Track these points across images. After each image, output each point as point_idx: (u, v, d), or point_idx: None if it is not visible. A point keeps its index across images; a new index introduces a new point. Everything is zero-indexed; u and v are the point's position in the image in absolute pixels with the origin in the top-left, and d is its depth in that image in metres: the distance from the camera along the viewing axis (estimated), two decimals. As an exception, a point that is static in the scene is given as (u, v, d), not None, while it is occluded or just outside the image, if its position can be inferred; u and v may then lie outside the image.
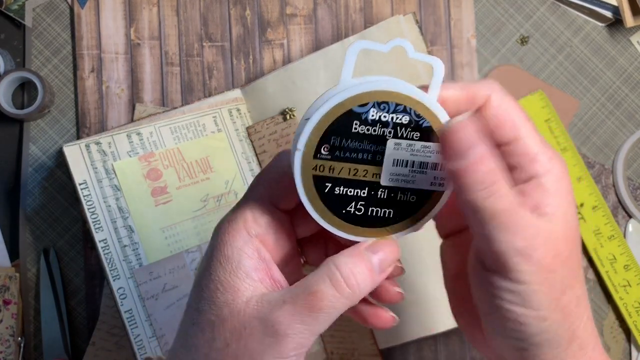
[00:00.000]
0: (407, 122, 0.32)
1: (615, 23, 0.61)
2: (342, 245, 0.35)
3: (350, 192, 0.33)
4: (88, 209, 0.53)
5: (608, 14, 0.60)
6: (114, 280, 0.52)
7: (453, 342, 0.59)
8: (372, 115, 0.31)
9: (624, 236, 0.60)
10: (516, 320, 0.32)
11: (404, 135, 0.32)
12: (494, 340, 0.35)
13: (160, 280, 0.54)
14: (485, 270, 0.33)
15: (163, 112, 0.58)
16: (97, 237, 0.53)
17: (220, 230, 0.34)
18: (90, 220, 0.53)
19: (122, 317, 0.52)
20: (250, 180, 0.57)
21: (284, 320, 0.31)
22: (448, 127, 0.31)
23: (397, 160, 0.33)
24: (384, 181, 0.33)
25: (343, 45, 0.55)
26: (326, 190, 0.33)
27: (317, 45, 0.60)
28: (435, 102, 0.32)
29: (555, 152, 0.33)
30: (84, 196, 0.53)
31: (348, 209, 0.33)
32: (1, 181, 0.59)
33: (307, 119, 0.31)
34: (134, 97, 0.59)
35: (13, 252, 0.59)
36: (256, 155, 0.57)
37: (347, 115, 0.31)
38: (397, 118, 0.32)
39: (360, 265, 0.32)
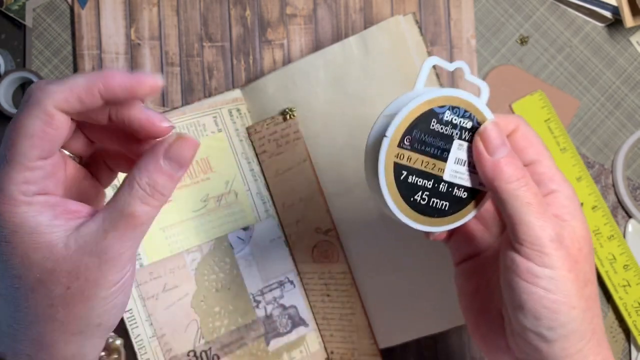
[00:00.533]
0: (470, 127, 0.37)
1: (615, 23, 0.61)
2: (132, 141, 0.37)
3: (420, 182, 0.37)
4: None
5: (608, 14, 0.60)
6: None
7: (453, 341, 0.59)
8: (447, 117, 0.37)
9: (624, 236, 0.60)
10: (549, 307, 0.36)
11: (466, 138, 0.37)
12: (520, 339, 0.38)
13: (161, 280, 0.54)
14: (523, 259, 0.36)
15: (163, 112, 0.58)
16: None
17: None
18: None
19: (123, 316, 0.52)
20: (250, 180, 0.57)
21: (114, 246, 0.33)
22: (485, 126, 0.37)
23: (458, 159, 0.38)
24: (446, 176, 0.38)
25: (343, 46, 0.55)
26: (401, 177, 0.37)
27: (317, 46, 0.60)
28: (489, 111, 0.38)
29: (566, 178, 0.40)
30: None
31: (415, 197, 0.37)
32: (1, 181, 0.59)
33: (391, 115, 0.36)
34: (134, 97, 0.59)
35: (13, 252, 0.59)
36: (256, 155, 0.57)
37: (428, 113, 0.36)
38: (463, 122, 0.37)
39: (162, 178, 0.34)
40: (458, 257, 0.45)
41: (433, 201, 0.38)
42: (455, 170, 0.38)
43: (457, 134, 0.37)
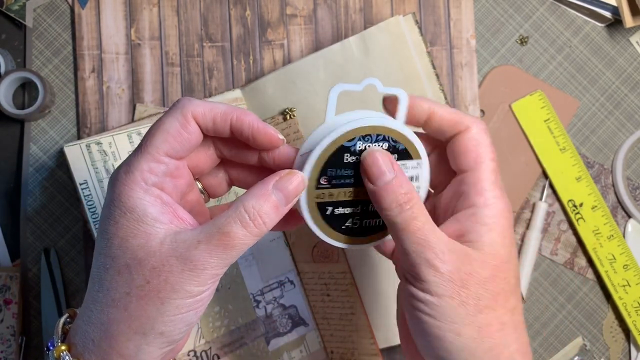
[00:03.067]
0: (386, 147, 0.38)
1: (615, 23, 0.61)
2: (253, 170, 0.40)
3: (348, 210, 0.39)
4: (89, 208, 0.53)
5: (607, 14, 0.60)
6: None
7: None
8: (359, 147, 0.37)
9: (624, 236, 0.60)
10: (433, 333, 0.35)
11: None
12: None
13: (161, 280, 0.54)
14: (406, 283, 0.37)
15: (164, 112, 0.58)
16: (98, 237, 0.53)
17: (118, 182, 0.35)
18: (91, 220, 0.53)
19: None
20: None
21: (201, 258, 0.33)
22: (365, 154, 0.37)
23: None
24: None
25: (343, 46, 0.55)
26: (327, 213, 0.38)
27: (317, 46, 0.60)
28: (404, 126, 0.38)
29: (504, 194, 0.38)
30: (84, 196, 0.53)
31: (347, 224, 0.39)
32: (2, 181, 0.59)
33: (306, 156, 0.37)
34: (135, 98, 0.59)
35: (14, 252, 0.59)
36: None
37: (338, 150, 0.37)
38: (379, 145, 0.38)
39: (267, 205, 0.35)
40: (399, 272, 0.42)
41: (365, 222, 0.40)
42: None
43: None
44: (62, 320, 0.38)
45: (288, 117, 0.56)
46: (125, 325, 0.34)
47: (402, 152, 0.38)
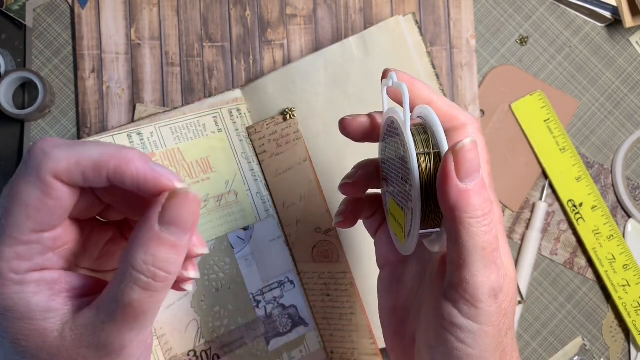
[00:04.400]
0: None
1: (615, 23, 0.61)
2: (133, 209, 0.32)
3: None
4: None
5: (607, 14, 0.60)
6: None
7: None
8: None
9: (623, 236, 0.60)
10: (460, 357, 0.32)
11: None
12: None
13: (161, 280, 0.54)
14: (448, 303, 0.32)
15: (164, 112, 0.58)
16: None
17: None
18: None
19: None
20: (250, 179, 0.57)
21: (114, 339, 0.28)
22: (464, 144, 0.30)
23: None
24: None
25: (343, 46, 0.55)
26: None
27: (317, 46, 0.60)
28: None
29: (496, 198, 0.35)
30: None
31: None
32: (2, 181, 0.59)
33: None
34: (135, 98, 0.59)
35: (14, 252, 0.59)
36: (256, 155, 0.57)
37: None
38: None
39: (161, 251, 0.28)
40: (380, 258, 0.41)
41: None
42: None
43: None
44: None
45: (288, 117, 0.56)
46: None
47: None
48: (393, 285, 0.39)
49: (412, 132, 0.33)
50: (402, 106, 0.34)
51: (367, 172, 0.40)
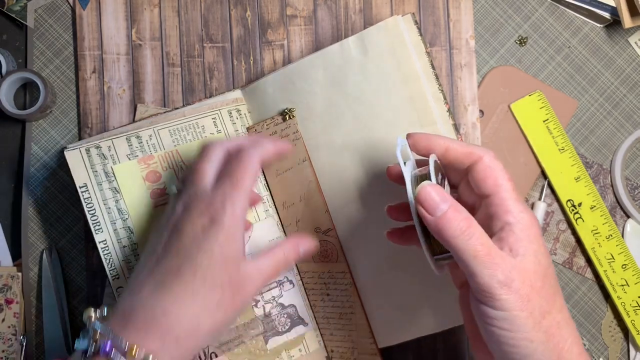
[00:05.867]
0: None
1: (614, 24, 0.61)
2: None
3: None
4: (88, 211, 0.54)
5: (606, 14, 0.60)
6: (113, 280, 0.53)
7: (452, 341, 0.59)
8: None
9: (622, 236, 0.60)
10: (509, 343, 0.40)
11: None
12: None
13: (161, 279, 0.54)
14: (479, 304, 0.40)
15: (164, 112, 0.58)
16: (97, 238, 0.53)
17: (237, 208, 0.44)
18: (90, 222, 0.54)
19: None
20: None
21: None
22: (418, 190, 0.41)
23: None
24: None
25: (342, 46, 0.55)
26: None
27: (317, 46, 0.60)
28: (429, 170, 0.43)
29: (527, 207, 0.42)
30: (84, 199, 0.54)
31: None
32: (3, 181, 0.60)
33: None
34: (135, 98, 0.60)
35: (15, 252, 0.59)
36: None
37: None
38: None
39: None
40: (456, 280, 0.48)
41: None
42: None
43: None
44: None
45: (287, 117, 0.56)
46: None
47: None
48: (466, 301, 0.45)
49: (417, 178, 0.42)
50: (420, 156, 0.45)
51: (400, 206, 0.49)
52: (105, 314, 0.43)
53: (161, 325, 0.41)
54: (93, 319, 0.42)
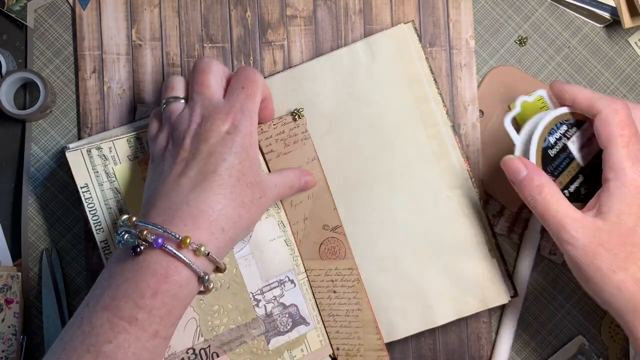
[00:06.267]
0: (566, 128, 0.51)
1: (613, 24, 0.61)
2: None
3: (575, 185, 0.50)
4: (89, 211, 0.54)
5: (606, 15, 0.60)
6: (115, 279, 0.53)
7: (452, 339, 0.59)
8: (552, 140, 0.50)
9: (622, 236, 0.60)
10: (587, 289, 0.46)
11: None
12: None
13: (162, 279, 0.54)
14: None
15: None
16: (98, 238, 0.53)
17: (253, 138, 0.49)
18: (91, 222, 0.54)
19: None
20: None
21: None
22: (502, 162, 0.50)
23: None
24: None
25: (350, 50, 0.57)
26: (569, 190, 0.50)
27: (317, 46, 0.60)
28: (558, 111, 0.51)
29: (636, 165, 0.45)
30: (85, 199, 0.54)
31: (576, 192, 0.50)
32: (3, 181, 0.60)
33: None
34: (135, 98, 0.60)
35: (15, 252, 0.59)
36: (263, 155, 0.57)
37: (543, 153, 0.50)
38: (561, 129, 0.51)
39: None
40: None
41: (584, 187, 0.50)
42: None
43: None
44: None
45: (297, 117, 0.57)
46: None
47: (574, 125, 0.50)
48: None
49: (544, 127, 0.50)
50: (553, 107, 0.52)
51: None
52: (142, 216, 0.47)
53: (209, 217, 0.45)
54: (134, 219, 0.45)
